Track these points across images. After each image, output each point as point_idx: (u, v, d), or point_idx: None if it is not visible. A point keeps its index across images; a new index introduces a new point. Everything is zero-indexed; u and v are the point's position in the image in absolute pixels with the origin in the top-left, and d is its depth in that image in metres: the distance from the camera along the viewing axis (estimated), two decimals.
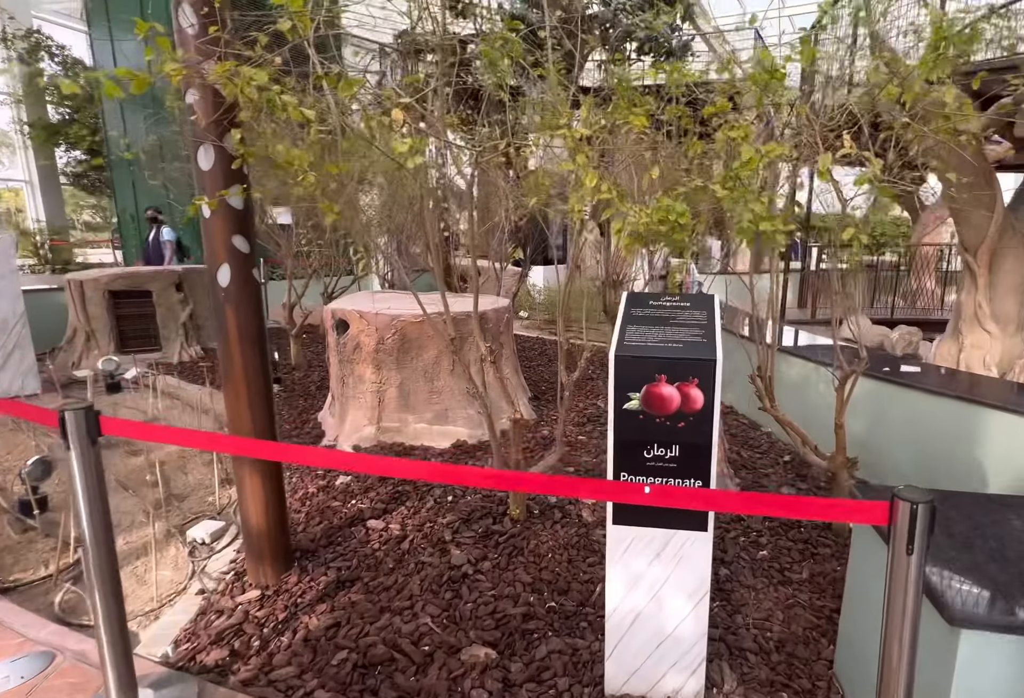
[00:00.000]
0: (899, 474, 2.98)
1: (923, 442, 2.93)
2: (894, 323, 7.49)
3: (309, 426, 4.01)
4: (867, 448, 3.09)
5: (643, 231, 1.88)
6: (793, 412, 3.52)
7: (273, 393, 2.27)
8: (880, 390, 3.06)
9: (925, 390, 2.93)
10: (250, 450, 1.62)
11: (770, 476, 3.15)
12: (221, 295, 2.06)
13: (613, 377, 1.62)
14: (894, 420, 3.04)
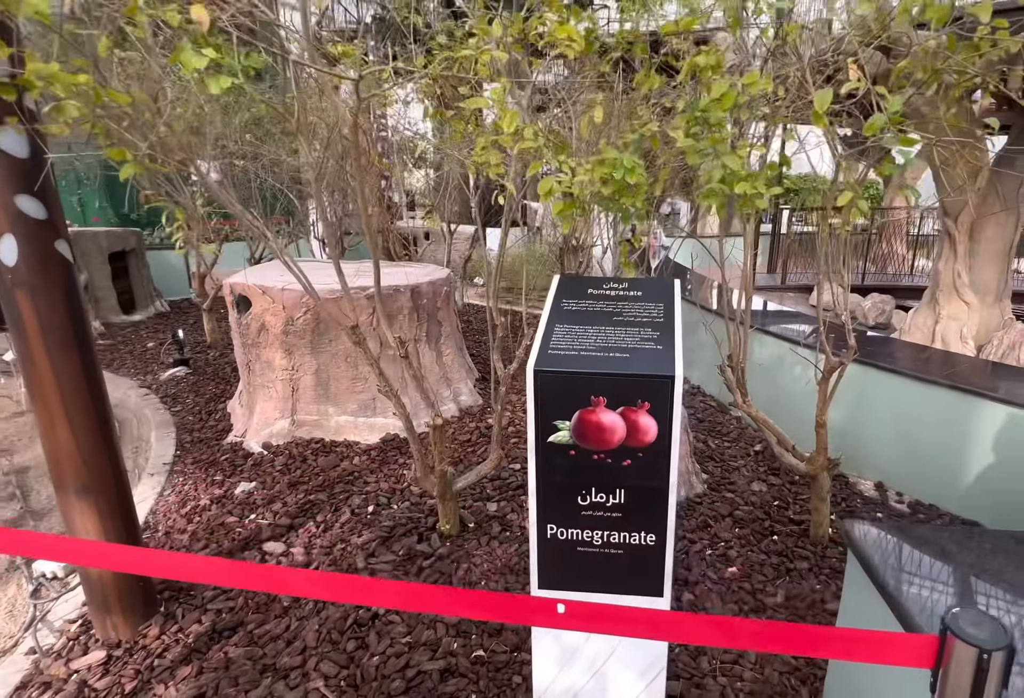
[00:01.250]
0: (881, 468, 2.69)
1: (907, 431, 2.62)
2: (865, 290, 7.25)
3: (216, 417, 3.49)
4: (847, 437, 2.77)
5: (579, 193, 1.40)
6: (766, 399, 3.18)
7: (109, 409, 1.75)
8: (859, 374, 2.72)
9: (908, 375, 2.60)
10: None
11: (740, 470, 2.82)
12: (8, 278, 1.51)
13: (533, 400, 1.17)
14: (875, 407, 2.72)
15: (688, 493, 2.55)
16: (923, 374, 2.58)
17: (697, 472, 2.65)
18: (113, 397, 3.82)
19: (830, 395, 2.10)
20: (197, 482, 2.76)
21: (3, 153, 1.43)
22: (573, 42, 1.44)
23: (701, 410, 3.51)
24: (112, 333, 5.11)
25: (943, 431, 2.50)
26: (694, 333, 3.27)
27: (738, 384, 2.20)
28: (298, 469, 2.85)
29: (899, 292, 7.58)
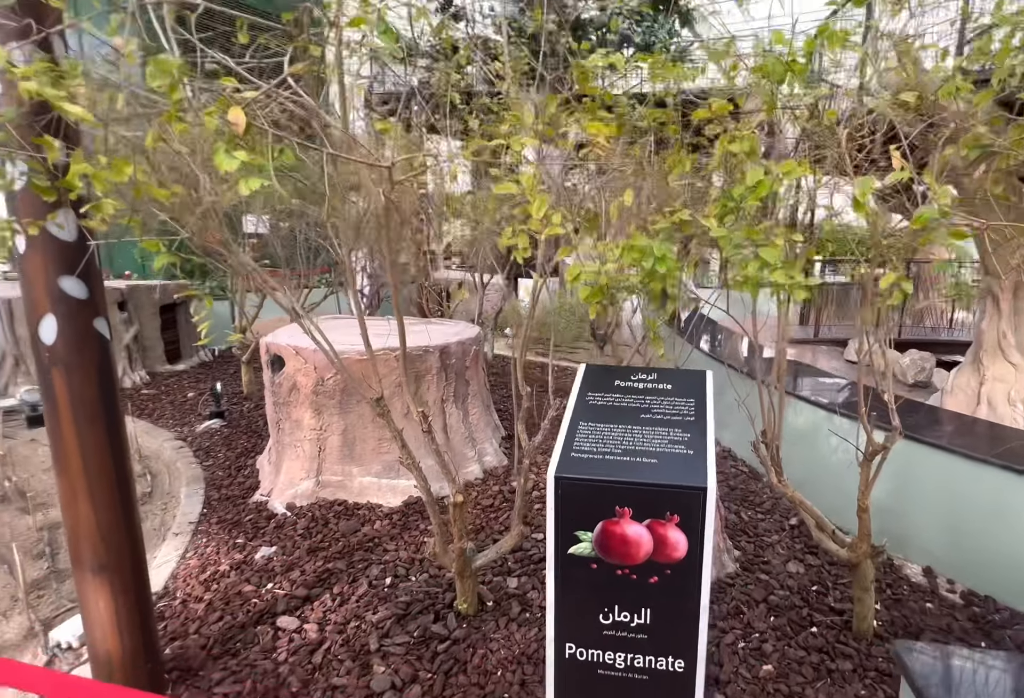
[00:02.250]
0: (929, 550, 2.45)
1: (957, 513, 2.40)
2: (903, 345, 6.95)
3: (245, 473, 3.46)
4: (891, 515, 2.56)
5: (605, 283, 1.34)
6: (804, 470, 2.99)
7: (132, 484, 1.72)
8: (903, 448, 2.52)
9: (956, 452, 2.40)
10: None
11: (775, 547, 2.61)
12: (45, 356, 1.52)
13: (553, 508, 1.08)
14: (921, 484, 2.52)
15: (719, 573, 2.36)
16: (973, 452, 2.38)
17: (729, 549, 2.47)
18: (149, 449, 3.86)
19: (873, 479, 1.93)
20: (219, 544, 2.69)
21: (51, 237, 1.46)
22: (604, 132, 1.42)
23: (732, 476, 3.32)
24: (156, 383, 5.22)
25: (997, 514, 2.28)
26: (725, 392, 3.13)
27: (772, 462, 2.05)
28: (319, 534, 2.76)
29: (938, 347, 7.25)
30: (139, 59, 1.26)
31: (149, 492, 3.31)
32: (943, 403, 4.60)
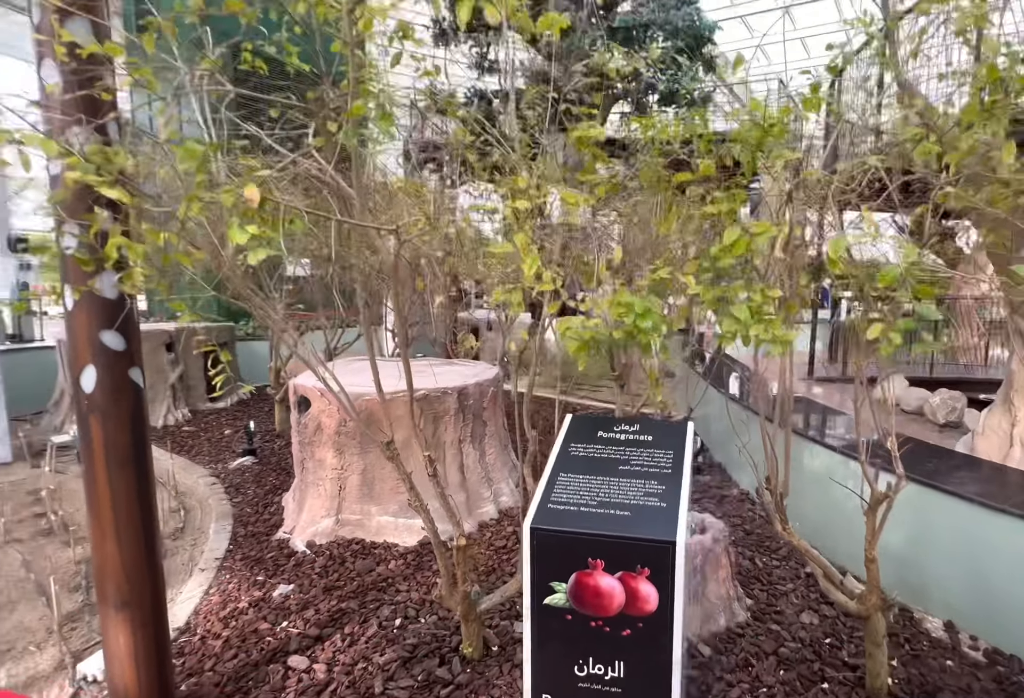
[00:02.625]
0: (951, 604, 2.32)
1: (979, 565, 2.27)
2: (934, 383, 6.67)
3: (271, 510, 3.54)
4: (908, 566, 2.45)
5: (591, 337, 1.40)
6: (817, 514, 2.91)
7: (156, 525, 1.81)
8: (919, 495, 2.44)
9: (976, 501, 2.30)
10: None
11: (788, 596, 2.51)
12: (84, 404, 1.65)
13: (529, 558, 1.11)
14: (939, 534, 2.41)
15: (729, 622, 2.29)
16: (993, 501, 2.28)
17: (740, 597, 2.39)
18: (185, 484, 4.00)
19: (879, 528, 1.87)
20: (241, 581, 2.75)
21: (94, 296, 1.61)
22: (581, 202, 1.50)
23: (749, 521, 3.23)
24: (197, 420, 5.44)
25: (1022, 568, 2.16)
26: (743, 432, 3.08)
27: (777, 509, 2.02)
28: (336, 572, 2.80)
29: (972, 385, 6.94)
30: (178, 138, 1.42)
31: (181, 527, 3.42)
32: (974, 445, 4.39)
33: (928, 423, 5.25)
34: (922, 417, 5.44)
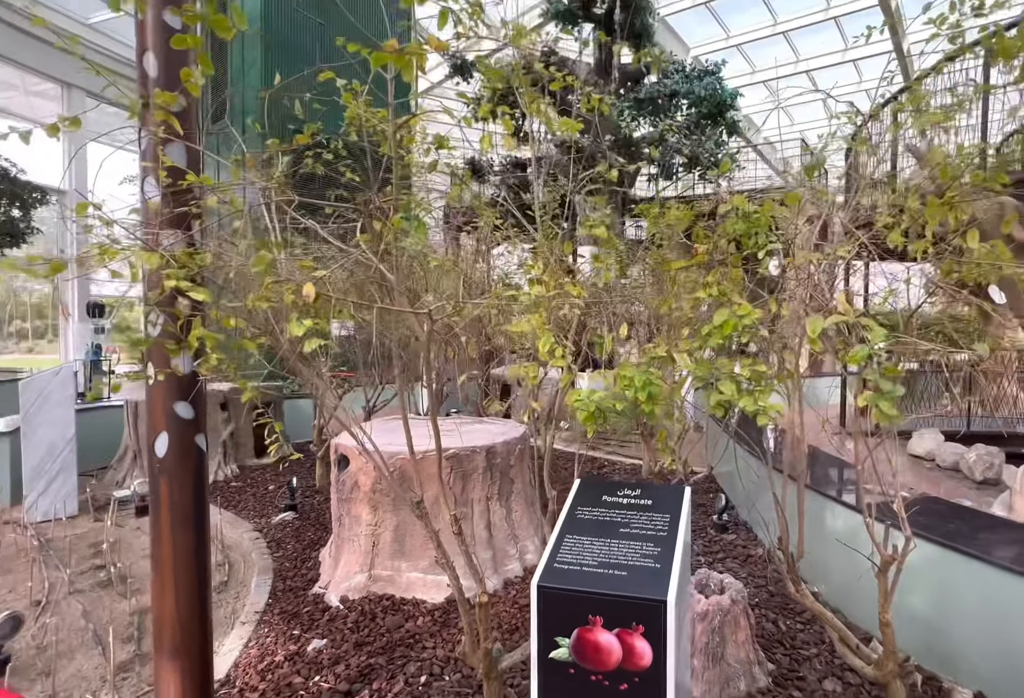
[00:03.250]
0: (980, 675, 2.21)
1: (1009, 634, 2.18)
2: (972, 437, 6.41)
3: (308, 565, 3.64)
4: (935, 631, 2.36)
5: (594, 411, 1.54)
6: (841, 579, 2.84)
7: (208, 580, 1.95)
8: (946, 559, 2.38)
9: (1000, 566, 2.24)
10: None
11: (812, 661, 2.43)
12: (156, 467, 1.85)
13: (536, 613, 1.21)
14: (965, 599, 2.33)
15: (750, 687, 2.24)
16: (1019, 567, 2.21)
17: (761, 661, 2.34)
18: (231, 539, 4.15)
19: (891, 591, 1.86)
20: (278, 635, 2.83)
21: (172, 373, 1.84)
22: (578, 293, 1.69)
23: (773, 581, 3.15)
24: (244, 476, 5.65)
25: None
26: (766, 490, 3.05)
27: (789, 571, 2.03)
28: (366, 628, 2.85)
29: (1014, 440, 6.62)
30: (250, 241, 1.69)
31: (226, 581, 3.53)
32: (1012, 503, 4.20)
33: (965, 480, 5.03)
34: (959, 473, 5.22)
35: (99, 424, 6.04)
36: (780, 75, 18.22)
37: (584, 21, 11.63)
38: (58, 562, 3.66)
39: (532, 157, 5.85)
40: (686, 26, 16.81)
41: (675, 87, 11.10)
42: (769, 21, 16.05)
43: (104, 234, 1.62)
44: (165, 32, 1.79)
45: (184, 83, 1.68)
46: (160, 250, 1.64)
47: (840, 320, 1.45)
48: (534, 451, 4.25)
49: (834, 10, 14.95)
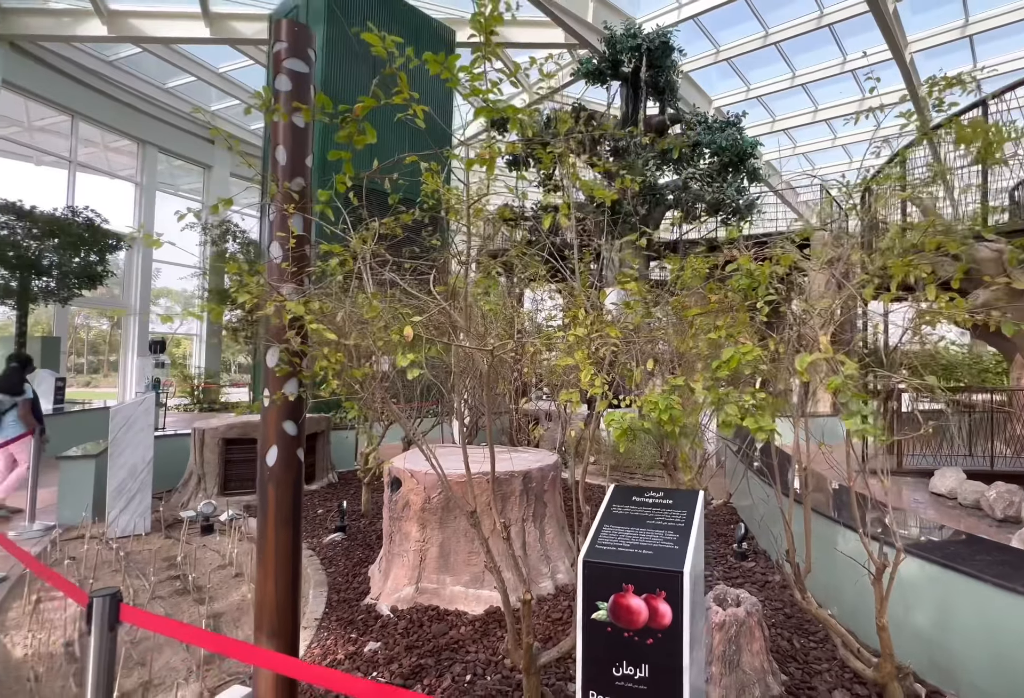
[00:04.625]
0: (980, 688, 2.39)
1: (1002, 649, 2.36)
2: (994, 476, 6.43)
3: (359, 581, 3.96)
4: (936, 647, 2.55)
5: (626, 428, 1.90)
6: (855, 600, 3.04)
7: (299, 571, 2.32)
8: (944, 578, 2.59)
9: (998, 585, 2.44)
10: (248, 657, 1.62)
11: (823, 675, 2.63)
12: (266, 474, 2.26)
13: (581, 583, 1.54)
14: (965, 617, 2.52)
15: (764, 694, 2.45)
16: (1009, 584, 2.42)
17: (775, 672, 2.55)
18: None
19: (885, 596, 2.11)
20: (337, 638, 3.14)
21: (286, 397, 2.27)
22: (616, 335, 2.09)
23: (789, 605, 3.34)
24: None
25: None
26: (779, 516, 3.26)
27: (796, 581, 2.29)
28: (415, 634, 3.14)
29: None
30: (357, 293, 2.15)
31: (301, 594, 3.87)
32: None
33: (986, 517, 5.08)
34: (979, 511, 5.28)
35: (162, 452, 6.55)
36: (799, 124, 18.95)
37: (612, 79, 12.51)
38: (139, 572, 4.06)
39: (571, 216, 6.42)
40: (708, 80, 17.75)
41: (698, 138, 11.72)
42: (787, 74, 16.87)
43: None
44: (293, 131, 2.32)
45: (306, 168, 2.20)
46: (284, 299, 2.10)
47: (820, 357, 1.81)
48: (565, 483, 4.52)
49: (850, 64, 15.69)
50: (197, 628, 1.57)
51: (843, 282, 2.30)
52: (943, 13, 13.57)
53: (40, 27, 12.99)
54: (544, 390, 10.27)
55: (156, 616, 1.62)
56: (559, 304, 5.29)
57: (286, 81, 2.35)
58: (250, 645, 1.54)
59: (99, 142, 16.40)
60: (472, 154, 2.24)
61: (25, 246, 9.19)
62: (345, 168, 2.08)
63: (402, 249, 3.00)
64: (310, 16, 9.50)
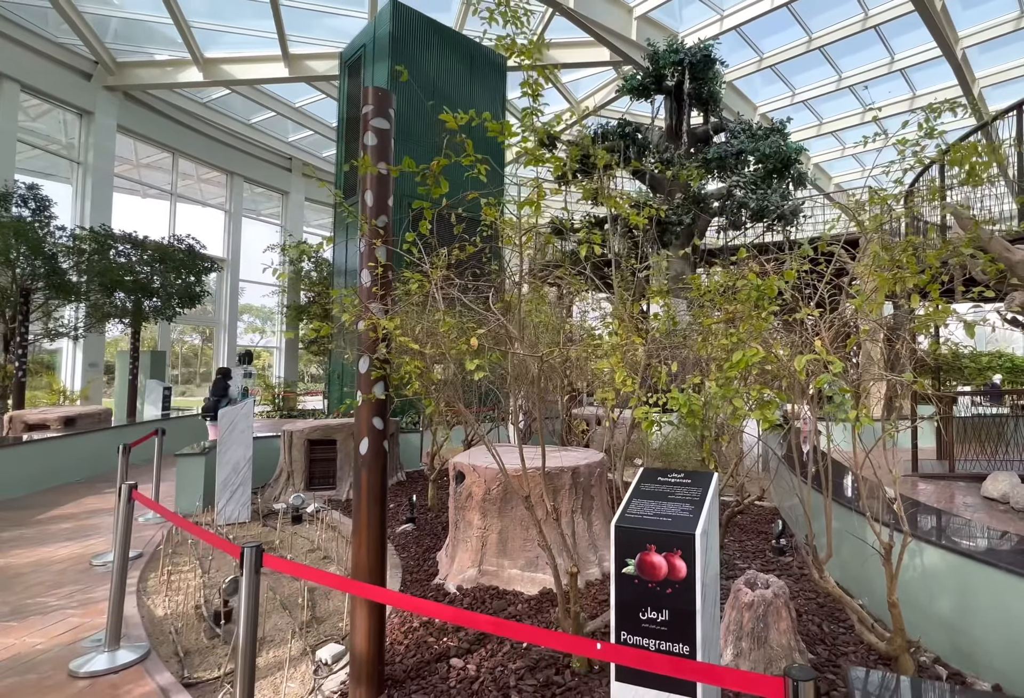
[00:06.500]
0: (997, 669, 2.52)
1: (1019, 633, 2.49)
2: None
3: (428, 564, 4.41)
4: (957, 632, 2.69)
5: (651, 422, 2.24)
6: (879, 589, 3.19)
7: (386, 541, 2.78)
8: (964, 567, 2.73)
9: (1011, 571, 2.56)
10: (357, 590, 2.07)
11: (848, 655, 2.82)
12: (360, 461, 2.74)
13: (614, 544, 1.90)
14: (983, 603, 2.65)
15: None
16: (1019, 568, 2.52)
17: (802, 650, 2.76)
18: None
19: (895, 575, 2.31)
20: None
21: (375, 397, 2.74)
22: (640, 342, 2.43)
23: (822, 595, 3.51)
24: None
25: None
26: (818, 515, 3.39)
27: (814, 562, 2.52)
28: (478, 608, 3.55)
29: None
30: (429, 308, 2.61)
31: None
32: None
33: (1017, 513, 4.94)
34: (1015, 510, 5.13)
35: (257, 452, 7.32)
36: (847, 126, 18.37)
37: (656, 93, 12.73)
38: None
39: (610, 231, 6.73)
40: (752, 86, 17.59)
41: (741, 146, 11.72)
42: (833, 76, 16.48)
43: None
44: (379, 179, 2.81)
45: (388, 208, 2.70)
46: (375, 317, 2.59)
47: (814, 357, 2.09)
48: (611, 484, 4.82)
49: (897, 63, 15.18)
50: (321, 571, 2.03)
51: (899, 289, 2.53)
52: (996, 6, 12.96)
53: (148, 77, 14.69)
54: (593, 396, 10.55)
55: (290, 562, 2.10)
56: (606, 312, 5.65)
57: (372, 137, 2.85)
58: (359, 582, 1.98)
59: (193, 175, 18.20)
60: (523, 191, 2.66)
61: (138, 271, 10.46)
62: (426, 214, 2.54)
63: (465, 271, 3.45)
64: (376, 52, 10.32)
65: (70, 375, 13.06)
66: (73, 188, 14.07)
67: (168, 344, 16.87)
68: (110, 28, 13.84)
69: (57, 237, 9.63)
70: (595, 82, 17.56)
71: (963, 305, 5.34)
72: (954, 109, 2.43)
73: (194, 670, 3.00)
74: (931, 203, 3.87)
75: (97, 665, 2.96)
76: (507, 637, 3.17)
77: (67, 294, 9.42)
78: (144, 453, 8.42)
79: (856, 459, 2.51)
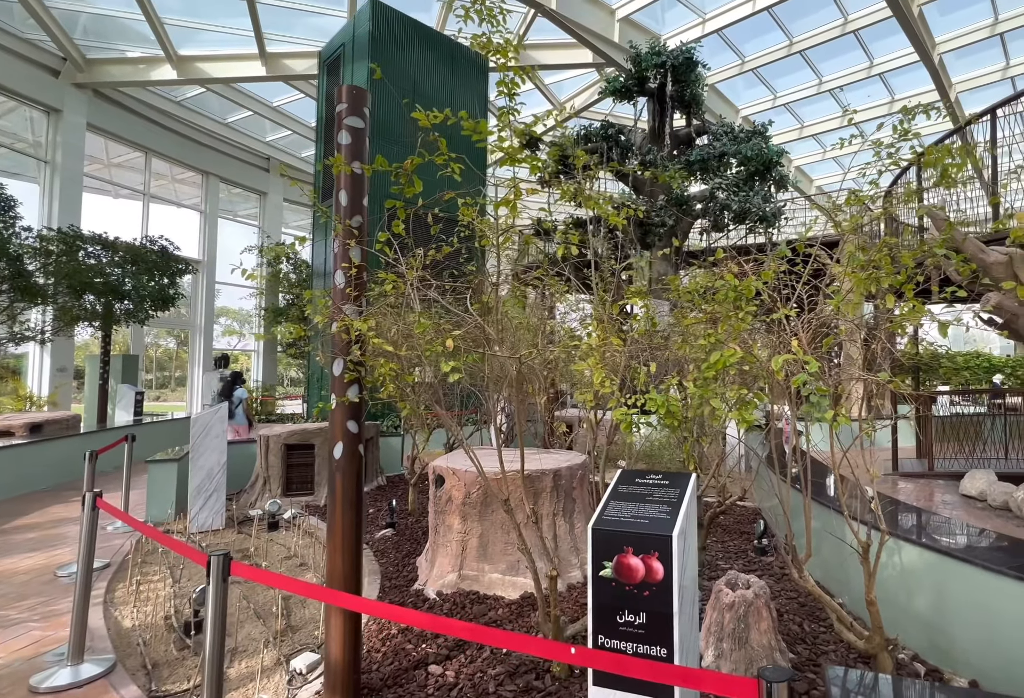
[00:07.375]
0: (973, 665, 2.56)
1: (995, 630, 2.53)
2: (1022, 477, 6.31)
3: (408, 569, 4.36)
4: (935, 629, 2.72)
5: (629, 421, 2.24)
6: (857, 588, 3.22)
7: (361, 546, 2.74)
8: (941, 564, 2.77)
9: (986, 567, 2.61)
10: (327, 598, 2.03)
11: (828, 654, 2.84)
12: (335, 465, 2.69)
13: (591, 547, 1.88)
14: (959, 600, 2.69)
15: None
16: (994, 564, 2.56)
17: (783, 650, 2.78)
18: None
19: (873, 573, 2.34)
20: None
21: (349, 400, 2.70)
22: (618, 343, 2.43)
23: (804, 595, 3.54)
24: None
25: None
26: (798, 514, 3.42)
27: (793, 562, 2.53)
28: (458, 614, 3.51)
29: None
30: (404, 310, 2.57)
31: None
32: None
33: (1015, 518, 5.05)
34: (1008, 512, 5.24)
35: (232, 457, 7.18)
36: (827, 129, 18.75)
37: (638, 95, 12.83)
38: None
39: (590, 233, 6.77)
40: (734, 89, 17.85)
41: (724, 148, 11.87)
42: (814, 80, 16.80)
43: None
44: (353, 178, 2.77)
45: (364, 207, 2.66)
46: (348, 318, 2.54)
47: (791, 357, 2.10)
48: (593, 486, 4.81)
49: (876, 68, 15.54)
50: (291, 578, 1.98)
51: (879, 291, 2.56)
52: (971, 12, 13.35)
53: (119, 74, 14.40)
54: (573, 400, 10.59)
55: (259, 570, 2.04)
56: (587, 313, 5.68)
57: (346, 136, 2.81)
58: (331, 590, 1.94)
59: (168, 175, 17.87)
60: (500, 191, 2.65)
61: (108, 273, 10.22)
62: (399, 213, 2.51)
63: (442, 272, 3.42)
64: (355, 51, 10.25)
65: (37, 380, 12.70)
66: (40, 188, 13.71)
67: (141, 348, 16.51)
68: (79, 24, 13.54)
69: (23, 238, 9.38)
70: (578, 84, 17.67)
71: (939, 305, 5.47)
72: (928, 112, 2.47)
73: (162, 683, 2.91)
74: (908, 205, 3.96)
75: (59, 680, 2.86)
76: (484, 643, 3.15)
77: (33, 297, 9.17)
78: (116, 460, 8.21)
79: (834, 459, 2.53)
